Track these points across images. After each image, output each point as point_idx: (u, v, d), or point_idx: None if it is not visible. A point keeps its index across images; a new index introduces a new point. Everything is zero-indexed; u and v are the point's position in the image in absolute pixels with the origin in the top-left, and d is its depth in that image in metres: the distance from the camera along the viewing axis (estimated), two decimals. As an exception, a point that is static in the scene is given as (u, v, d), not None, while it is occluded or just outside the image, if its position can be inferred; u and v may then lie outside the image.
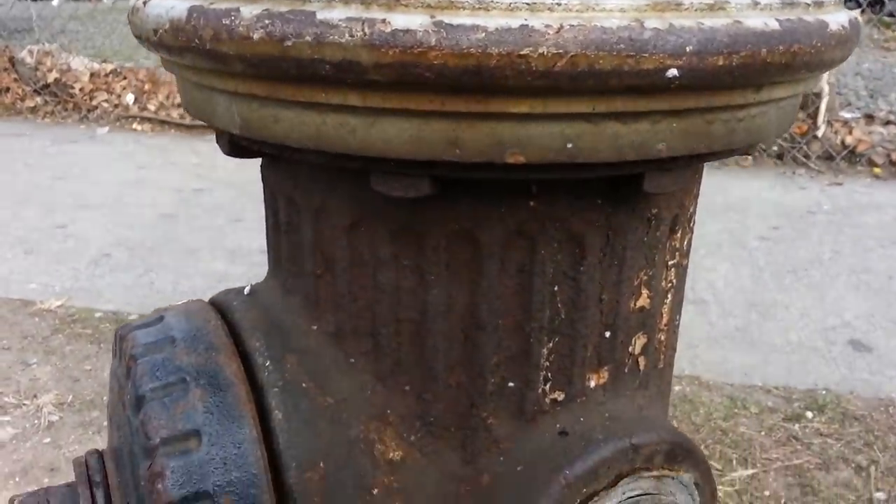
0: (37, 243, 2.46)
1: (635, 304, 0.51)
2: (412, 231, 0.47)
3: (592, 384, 0.51)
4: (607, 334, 0.51)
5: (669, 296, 0.54)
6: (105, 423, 1.43)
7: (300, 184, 0.51)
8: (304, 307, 0.53)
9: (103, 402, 1.61)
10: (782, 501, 1.36)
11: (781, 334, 1.94)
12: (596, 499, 0.48)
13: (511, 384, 0.50)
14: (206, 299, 0.60)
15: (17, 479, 1.43)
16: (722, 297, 2.13)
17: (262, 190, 0.58)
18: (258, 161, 0.57)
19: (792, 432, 1.56)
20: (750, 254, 2.41)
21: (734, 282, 2.22)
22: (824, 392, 1.69)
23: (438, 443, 0.50)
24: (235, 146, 0.50)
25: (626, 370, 0.53)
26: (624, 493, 0.49)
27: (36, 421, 1.55)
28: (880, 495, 1.37)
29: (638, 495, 0.49)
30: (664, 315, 0.54)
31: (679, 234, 0.53)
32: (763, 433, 1.55)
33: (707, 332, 1.94)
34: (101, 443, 1.53)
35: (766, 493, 1.38)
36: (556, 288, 0.48)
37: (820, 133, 3.32)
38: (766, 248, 2.46)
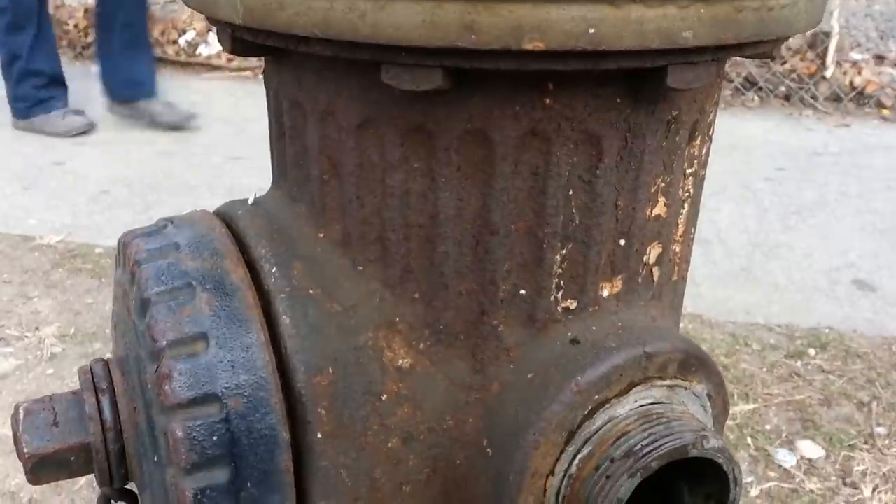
0: (35, 179, 2.44)
1: (651, 212, 0.50)
2: (423, 131, 0.45)
3: (605, 293, 0.50)
4: (622, 242, 0.49)
5: (686, 206, 0.53)
6: (108, 355, 1.43)
7: (305, 84, 0.49)
8: (311, 214, 0.52)
9: (105, 334, 1.61)
10: (783, 435, 1.37)
11: (785, 274, 1.93)
12: (607, 406, 0.47)
13: (522, 292, 0.48)
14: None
15: (21, 410, 1.44)
16: (726, 236, 2.12)
17: (265, 95, 0.56)
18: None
19: (794, 369, 1.56)
20: (755, 194, 2.39)
21: (738, 222, 2.20)
22: (827, 330, 1.69)
23: (448, 351, 0.49)
24: (237, 42, 0.47)
25: (639, 280, 0.51)
26: (636, 402, 0.48)
27: (38, 353, 1.55)
28: (881, 430, 1.38)
29: (650, 404, 0.48)
30: (680, 225, 0.53)
31: (698, 142, 0.51)
32: (765, 369, 1.56)
33: (710, 271, 1.93)
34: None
35: (768, 427, 1.39)
36: (570, 192, 0.47)
37: (828, 74, 3.26)
38: (772, 188, 2.44)
